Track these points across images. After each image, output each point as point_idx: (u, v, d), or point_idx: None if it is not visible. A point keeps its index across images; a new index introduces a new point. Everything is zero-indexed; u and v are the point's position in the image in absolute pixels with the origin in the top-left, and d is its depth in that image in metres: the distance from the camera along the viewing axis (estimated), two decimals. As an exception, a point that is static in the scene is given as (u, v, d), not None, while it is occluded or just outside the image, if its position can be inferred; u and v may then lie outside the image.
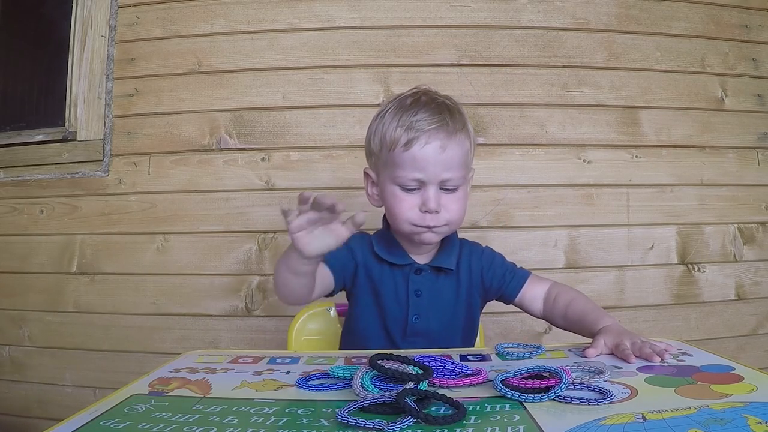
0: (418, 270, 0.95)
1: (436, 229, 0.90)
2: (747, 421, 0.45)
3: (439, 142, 0.86)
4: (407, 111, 0.88)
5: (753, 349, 1.59)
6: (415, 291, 0.94)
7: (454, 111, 0.89)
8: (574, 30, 1.59)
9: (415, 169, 0.87)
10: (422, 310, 0.94)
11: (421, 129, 0.86)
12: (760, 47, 1.66)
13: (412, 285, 0.94)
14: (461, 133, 0.88)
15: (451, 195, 0.89)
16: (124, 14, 1.64)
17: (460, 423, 0.49)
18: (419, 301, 0.94)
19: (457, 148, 0.87)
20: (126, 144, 1.62)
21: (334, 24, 1.58)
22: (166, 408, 0.57)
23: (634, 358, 0.70)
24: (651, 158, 1.59)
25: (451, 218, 0.89)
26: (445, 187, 0.88)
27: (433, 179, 0.87)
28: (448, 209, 0.89)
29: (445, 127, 0.87)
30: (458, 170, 0.88)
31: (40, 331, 1.63)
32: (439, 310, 0.95)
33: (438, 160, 0.86)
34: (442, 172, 0.87)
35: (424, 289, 0.94)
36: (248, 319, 1.56)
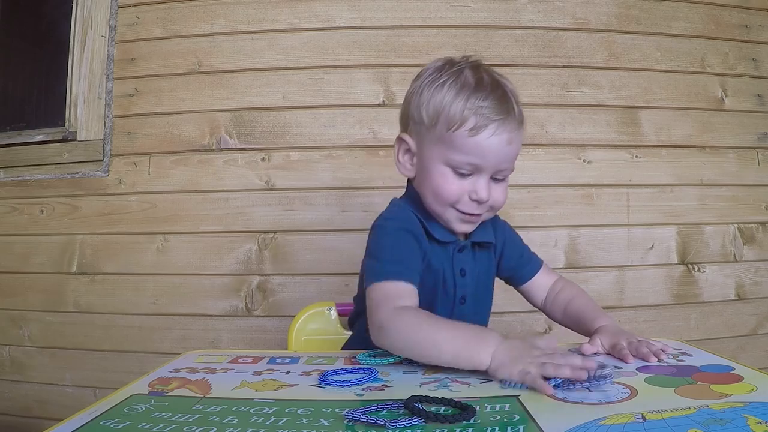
0: (461, 248, 0.89)
1: (478, 218, 0.86)
2: (747, 421, 0.45)
3: (507, 135, 0.81)
4: (474, 92, 0.81)
5: (753, 349, 1.59)
6: (461, 270, 0.89)
7: (517, 100, 0.85)
8: (574, 30, 1.59)
9: (476, 156, 0.81)
10: (469, 291, 0.90)
11: (491, 117, 0.80)
12: (760, 47, 1.66)
13: (457, 264, 0.89)
14: (522, 125, 0.85)
15: (499, 184, 0.85)
16: (124, 14, 1.64)
17: (460, 423, 0.49)
18: (464, 281, 0.89)
19: (520, 140, 0.84)
20: (126, 144, 1.62)
21: (334, 24, 1.58)
22: (166, 408, 0.57)
23: (632, 358, 0.69)
24: (651, 158, 1.59)
25: (494, 206, 0.86)
26: (496, 177, 0.84)
27: (490, 169, 0.83)
28: (495, 197, 0.85)
29: (513, 119, 0.82)
30: (513, 162, 0.85)
31: (40, 331, 1.63)
32: (483, 288, 0.93)
33: (502, 152, 0.82)
34: (501, 163, 0.83)
35: (468, 267, 0.90)
36: (248, 319, 1.56)
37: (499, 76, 0.87)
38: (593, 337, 0.78)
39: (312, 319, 1.16)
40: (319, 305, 1.18)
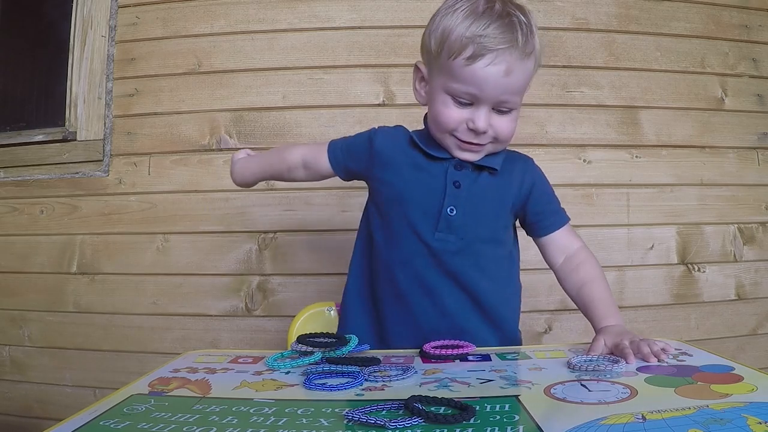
0: (458, 165, 0.89)
1: (479, 147, 0.86)
2: (747, 421, 0.45)
3: (506, 65, 0.80)
4: (478, 19, 0.80)
5: (753, 349, 1.59)
6: (454, 182, 0.88)
7: (527, 31, 0.81)
8: (574, 30, 1.59)
9: (472, 85, 0.81)
10: (461, 203, 0.88)
11: (489, 46, 0.79)
12: (760, 47, 1.66)
13: (451, 176, 0.88)
14: (530, 57, 0.82)
15: (503, 116, 0.85)
16: (124, 14, 1.64)
17: (460, 423, 0.49)
18: (458, 193, 0.88)
19: (523, 72, 0.82)
20: (126, 144, 1.62)
21: (334, 24, 1.58)
22: (166, 408, 0.57)
23: (633, 357, 0.69)
24: (651, 158, 1.59)
25: (498, 137, 0.86)
26: (500, 108, 0.84)
27: (489, 100, 0.82)
28: (497, 129, 0.85)
29: (515, 49, 0.80)
30: (518, 94, 0.84)
31: (40, 331, 1.63)
32: (480, 208, 0.89)
33: (500, 83, 0.81)
34: (501, 94, 0.82)
35: (465, 182, 0.88)
36: (248, 319, 1.56)
37: (517, 7, 0.83)
38: (596, 338, 0.77)
39: (312, 319, 1.16)
40: (319, 305, 1.18)
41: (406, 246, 0.89)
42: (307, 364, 0.72)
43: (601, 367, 0.65)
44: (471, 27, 0.80)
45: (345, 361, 0.72)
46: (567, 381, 0.62)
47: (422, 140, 0.91)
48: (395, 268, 0.90)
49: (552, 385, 0.60)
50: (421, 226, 0.88)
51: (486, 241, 0.90)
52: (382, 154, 0.93)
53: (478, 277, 0.89)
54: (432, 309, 0.88)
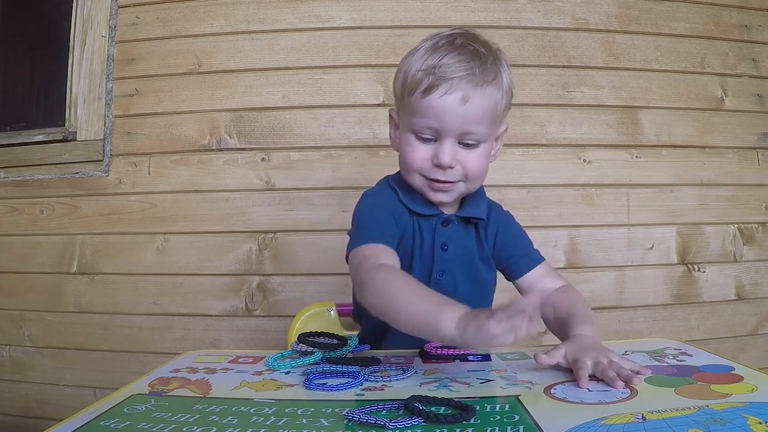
0: (445, 221, 0.87)
1: (448, 186, 0.83)
2: (747, 421, 0.45)
3: (461, 93, 0.77)
4: (435, 53, 0.79)
5: (753, 349, 1.59)
6: (442, 245, 0.86)
7: (486, 59, 0.79)
8: (574, 30, 1.59)
9: (431, 117, 0.79)
10: (448, 266, 0.87)
11: (444, 76, 0.77)
12: (760, 47, 1.66)
13: (439, 238, 0.86)
14: (490, 85, 0.79)
15: (470, 151, 0.81)
16: (124, 14, 1.64)
17: (460, 423, 0.49)
18: (445, 256, 0.86)
19: (483, 101, 0.79)
20: (126, 144, 1.62)
21: (334, 24, 1.58)
22: (166, 408, 0.57)
23: (586, 382, 0.59)
24: (651, 158, 1.59)
25: (468, 175, 0.82)
26: (465, 141, 0.81)
27: (451, 132, 0.80)
28: (465, 165, 0.81)
29: (472, 77, 0.77)
30: (482, 125, 0.80)
31: (40, 331, 1.63)
32: (465, 266, 0.88)
33: (458, 112, 0.78)
34: (462, 125, 0.79)
35: (451, 242, 0.87)
36: (248, 319, 1.56)
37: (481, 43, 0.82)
38: (559, 347, 0.68)
39: (312, 319, 1.16)
40: (319, 305, 1.18)
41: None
42: (307, 364, 0.72)
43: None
44: (427, 60, 0.79)
45: (345, 361, 0.72)
46: (567, 381, 0.62)
47: (410, 199, 0.87)
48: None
49: (552, 385, 0.60)
50: None
51: (474, 296, 0.89)
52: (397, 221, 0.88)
53: None
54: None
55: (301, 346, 0.77)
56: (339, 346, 0.77)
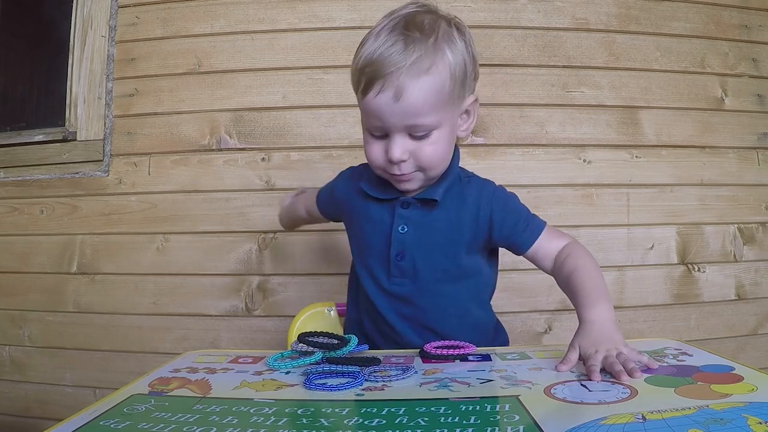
0: (405, 203, 0.86)
1: (407, 176, 0.82)
2: (747, 421, 0.45)
3: (393, 89, 0.74)
4: (370, 46, 0.77)
5: (753, 349, 1.59)
6: (400, 226, 0.86)
7: (423, 44, 0.75)
8: (574, 30, 1.59)
9: (373, 116, 0.78)
10: (407, 248, 0.86)
11: (375, 74, 0.75)
12: (760, 47, 1.66)
13: (398, 220, 0.86)
14: (427, 73, 0.75)
15: (421, 142, 0.79)
16: (124, 14, 1.64)
17: (459, 422, 0.49)
18: (403, 237, 0.85)
19: (420, 92, 0.75)
20: (126, 144, 1.62)
21: (334, 24, 1.58)
22: (166, 408, 0.57)
23: (598, 376, 0.61)
24: (651, 158, 1.59)
25: (424, 165, 0.81)
26: (413, 133, 0.79)
27: (395, 128, 0.78)
28: (419, 156, 0.80)
29: (402, 69, 0.74)
30: (428, 115, 0.77)
31: (40, 331, 1.63)
32: (426, 249, 0.86)
33: (394, 109, 0.76)
34: (402, 120, 0.77)
35: (411, 224, 0.86)
36: (248, 319, 1.56)
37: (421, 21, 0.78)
38: (572, 344, 0.69)
39: (312, 319, 1.16)
40: (319, 305, 1.18)
41: (370, 291, 0.90)
42: (307, 364, 0.72)
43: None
44: (362, 57, 0.78)
45: (345, 361, 0.72)
46: (567, 381, 0.62)
47: (369, 184, 0.89)
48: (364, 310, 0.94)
49: (552, 385, 0.60)
50: (378, 272, 0.88)
51: (443, 281, 0.87)
52: (343, 203, 0.96)
53: (439, 317, 0.87)
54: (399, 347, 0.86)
55: (301, 346, 0.77)
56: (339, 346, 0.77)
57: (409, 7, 0.82)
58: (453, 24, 0.81)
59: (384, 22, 0.80)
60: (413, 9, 0.81)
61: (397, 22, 0.78)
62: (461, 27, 0.82)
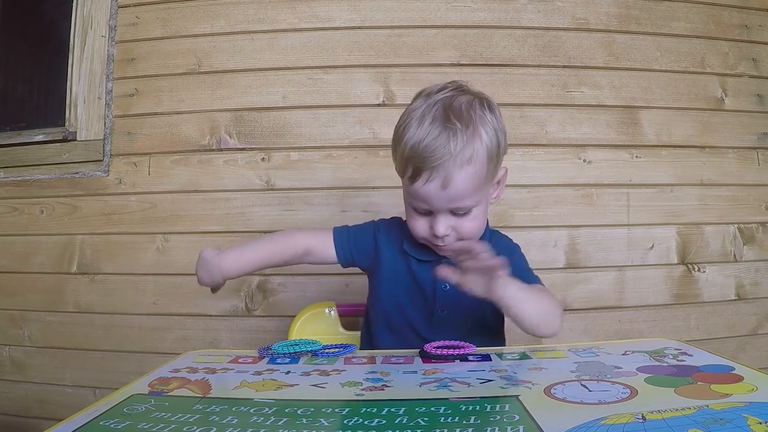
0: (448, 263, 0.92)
1: (449, 247, 0.89)
2: (747, 421, 0.45)
3: (441, 180, 0.82)
4: (415, 135, 0.83)
5: (753, 349, 1.59)
6: (443, 284, 0.93)
7: (463, 137, 0.82)
8: (574, 30, 1.59)
9: (420, 200, 0.86)
10: (448, 303, 0.93)
11: (423, 166, 0.82)
12: (760, 47, 1.66)
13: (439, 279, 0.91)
14: (468, 164, 0.82)
15: (463, 218, 0.87)
16: (124, 14, 1.64)
17: (459, 422, 0.49)
18: (447, 294, 0.93)
19: (464, 180, 0.83)
20: (126, 144, 1.62)
21: (334, 24, 1.58)
22: (166, 408, 0.57)
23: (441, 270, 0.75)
24: (651, 158, 1.59)
25: (465, 237, 0.88)
26: (456, 212, 0.87)
27: (440, 209, 0.86)
28: (459, 231, 0.88)
29: (448, 161, 0.81)
30: (469, 198, 0.85)
31: (40, 331, 1.63)
32: (464, 303, 0.91)
33: (441, 196, 0.84)
34: (447, 204, 0.85)
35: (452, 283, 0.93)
36: (248, 319, 1.56)
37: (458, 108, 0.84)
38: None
39: (312, 319, 1.16)
40: (319, 305, 1.18)
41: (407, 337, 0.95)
42: (306, 351, 0.80)
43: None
44: (408, 146, 0.84)
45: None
46: (567, 381, 0.62)
47: (412, 246, 0.96)
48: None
49: (552, 385, 0.60)
50: (418, 323, 0.96)
51: (477, 331, 0.94)
52: (383, 256, 0.99)
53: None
54: None
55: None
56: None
57: (446, 91, 0.88)
58: (485, 104, 0.88)
59: (422, 106, 0.86)
60: (449, 93, 0.87)
61: (437, 109, 0.85)
62: (491, 105, 0.88)
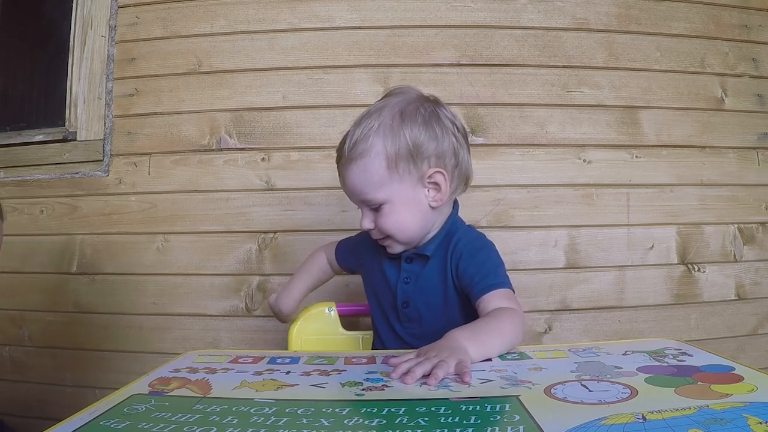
0: (408, 258, 0.97)
1: (384, 242, 0.94)
2: (747, 421, 0.45)
3: (342, 175, 0.93)
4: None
5: (753, 349, 1.59)
6: (405, 278, 0.96)
7: (355, 134, 0.91)
8: (574, 30, 1.59)
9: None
10: (410, 297, 0.96)
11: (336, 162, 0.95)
12: (760, 47, 1.66)
13: (403, 273, 0.97)
14: (360, 159, 0.89)
15: (379, 213, 0.91)
16: (124, 14, 1.64)
17: (459, 422, 0.49)
18: (407, 288, 0.96)
19: (357, 175, 0.90)
20: (126, 144, 1.62)
21: (334, 24, 1.58)
22: (166, 408, 0.57)
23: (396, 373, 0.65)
24: (651, 158, 1.59)
25: (390, 233, 0.92)
26: (372, 207, 0.92)
27: (355, 204, 0.95)
28: (379, 226, 0.92)
29: (341, 159, 0.93)
30: (371, 193, 0.90)
31: (40, 331, 1.63)
32: (426, 297, 0.95)
33: (346, 190, 0.94)
34: (353, 197, 0.94)
35: (413, 276, 0.96)
36: (248, 319, 1.56)
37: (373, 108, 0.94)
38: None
39: (312, 319, 1.16)
40: (319, 305, 1.18)
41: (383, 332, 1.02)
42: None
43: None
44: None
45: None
46: (567, 381, 0.62)
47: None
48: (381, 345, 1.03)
49: (552, 385, 0.60)
50: (391, 317, 1.00)
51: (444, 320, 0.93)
52: (365, 258, 1.06)
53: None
54: None
55: None
56: None
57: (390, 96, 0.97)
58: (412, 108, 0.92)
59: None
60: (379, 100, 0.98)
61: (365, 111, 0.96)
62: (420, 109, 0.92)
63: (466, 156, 0.95)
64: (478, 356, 0.72)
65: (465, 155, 0.94)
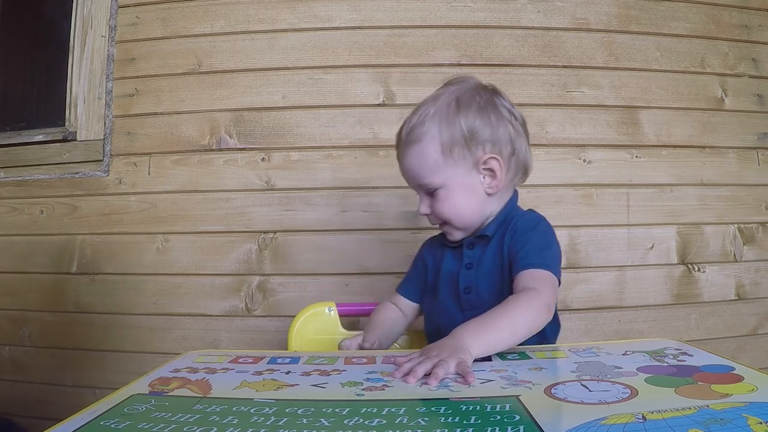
0: (470, 244, 0.96)
1: (443, 227, 0.96)
2: (747, 421, 0.45)
3: (401, 159, 0.94)
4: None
5: (753, 349, 1.59)
6: (467, 264, 0.95)
7: (412, 120, 0.92)
8: (574, 30, 1.59)
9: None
10: (472, 282, 0.94)
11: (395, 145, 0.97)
12: (760, 47, 1.66)
13: (465, 259, 0.96)
14: (417, 143, 0.91)
15: (434, 199, 0.93)
16: (124, 14, 1.64)
17: (459, 422, 0.49)
18: (469, 273, 0.95)
19: (412, 159, 0.92)
20: (126, 144, 1.62)
21: (334, 24, 1.58)
22: (167, 408, 0.57)
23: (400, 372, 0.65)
24: (651, 158, 1.59)
25: (446, 218, 0.93)
26: (428, 192, 0.93)
27: (413, 189, 0.96)
28: (435, 211, 0.93)
29: (400, 143, 0.94)
30: (427, 177, 0.91)
31: (40, 331, 1.63)
32: (488, 280, 0.93)
33: (404, 174, 0.96)
34: (410, 181, 0.95)
35: (475, 261, 0.95)
36: (248, 319, 1.56)
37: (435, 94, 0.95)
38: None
39: (312, 319, 1.16)
40: (319, 305, 1.18)
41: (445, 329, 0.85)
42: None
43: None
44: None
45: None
46: (567, 381, 0.62)
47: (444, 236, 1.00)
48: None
49: (552, 385, 0.60)
50: (452, 308, 0.96)
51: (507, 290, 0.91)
52: (428, 263, 1.05)
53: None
54: None
55: None
56: None
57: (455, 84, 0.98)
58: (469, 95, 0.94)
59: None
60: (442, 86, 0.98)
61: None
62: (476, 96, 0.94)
63: (524, 145, 0.97)
64: (482, 353, 0.72)
65: (523, 144, 0.96)
